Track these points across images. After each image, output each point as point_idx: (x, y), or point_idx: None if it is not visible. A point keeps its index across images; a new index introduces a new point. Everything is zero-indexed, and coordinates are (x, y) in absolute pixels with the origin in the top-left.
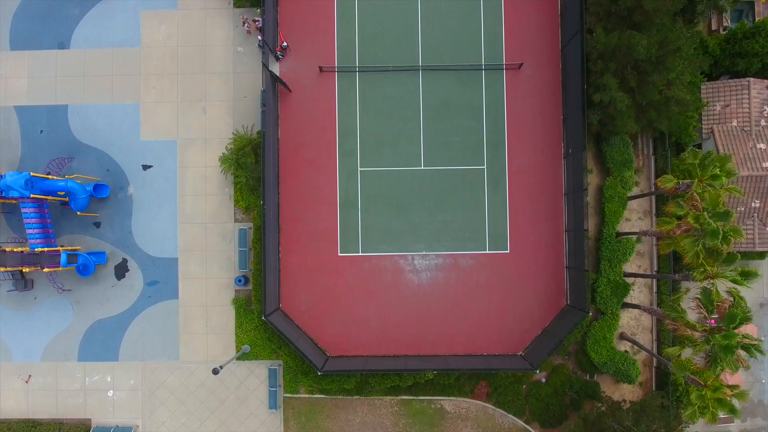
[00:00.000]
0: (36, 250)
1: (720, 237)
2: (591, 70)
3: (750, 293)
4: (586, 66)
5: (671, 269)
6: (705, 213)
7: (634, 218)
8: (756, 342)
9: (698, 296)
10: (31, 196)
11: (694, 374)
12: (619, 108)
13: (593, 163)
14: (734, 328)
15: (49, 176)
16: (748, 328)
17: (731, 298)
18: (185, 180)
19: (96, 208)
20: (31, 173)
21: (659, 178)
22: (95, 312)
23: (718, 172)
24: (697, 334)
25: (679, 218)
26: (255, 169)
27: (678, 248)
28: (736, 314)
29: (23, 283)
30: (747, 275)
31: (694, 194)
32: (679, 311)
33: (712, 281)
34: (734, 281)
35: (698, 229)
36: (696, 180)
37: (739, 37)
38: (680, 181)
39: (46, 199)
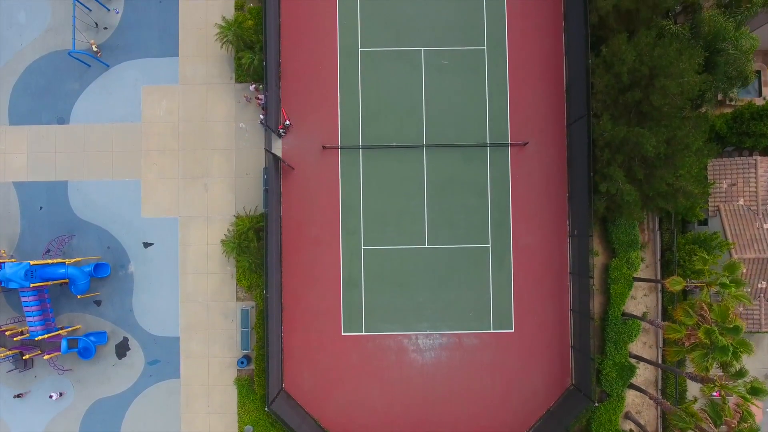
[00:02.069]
0: (37, 338)
1: (730, 353)
2: (597, 157)
3: (754, 363)
4: (592, 152)
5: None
6: (715, 328)
7: (640, 295)
8: None
9: (705, 408)
10: (31, 285)
11: None
12: (626, 199)
13: (598, 242)
14: None
15: (49, 261)
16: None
17: (740, 412)
18: (187, 258)
19: (97, 286)
20: (31, 262)
21: (668, 280)
22: (96, 391)
23: (728, 282)
24: None
25: (687, 326)
26: (257, 253)
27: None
28: None
29: (23, 362)
30: (756, 392)
31: (703, 305)
32: (686, 421)
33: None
34: (743, 397)
35: (708, 344)
36: (705, 288)
37: (746, 117)
38: (688, 279)
39: (47, 285)
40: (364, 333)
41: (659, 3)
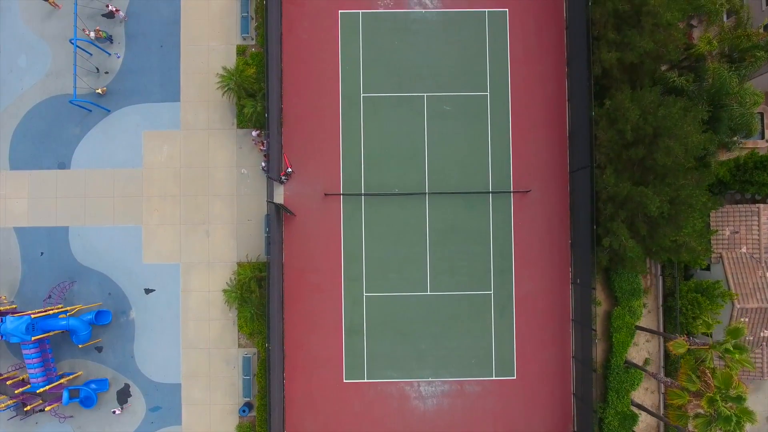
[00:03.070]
0: (38, 391)
1: (733, 423)
2: (600, 210)
3: (756, 406)
4: (595, 204)
5: None
6: (718, 396)
7: (642, 341)
8: None
9: None
10: (33, 339)
11: None
12: (629, 255)
13: (601, 289)
14: None
15: (50, 310)
16: None
17: None
18: (188, 304)
19: (98, 332)
20: (32, 315)
21: (671, 343)
22: None
23: (731, 348)
24: None
25: (690, 391)
26: (259, 303)
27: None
28: None
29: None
30: None
31: (707, 371)
32: None
33: None
34: None
35: (711, 413)
36: (709, 353)
37: (749, 167)
38: (691, 340)
39: (48, 336)
40: (365, 380)
41: (663, 56)
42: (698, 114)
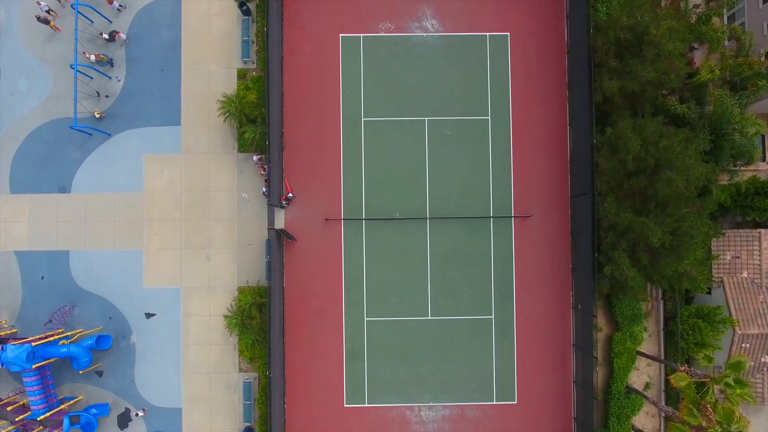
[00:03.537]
0: (39, 418)
1: None
2: (601, 238)
3: (757, 427)
4: (596, 232)
5: None
6: (719, 430)
7: (642, 365)
8: None
9: None
10: (33, 366)
11: None
12: (630, 285)
13: (602, 313)
14: None
15: (51, 336)
16: None
17: None
18: (189, 329)
19: (99, 356)
20: (33, 343)
21: (672, 376)
22: None
23: (731, 382)
24: None
25: (690, 425)
26: (260, 329)
27: None
28: None
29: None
30: None
31: (707, 406)
32: None
33: None
34: None
35: None
36: (710, 388)
37: (750, 192)
38: (692, 368)
39: (49, 363)
40: (366, 405)
41: (665, 83)
42: (700, 145)
